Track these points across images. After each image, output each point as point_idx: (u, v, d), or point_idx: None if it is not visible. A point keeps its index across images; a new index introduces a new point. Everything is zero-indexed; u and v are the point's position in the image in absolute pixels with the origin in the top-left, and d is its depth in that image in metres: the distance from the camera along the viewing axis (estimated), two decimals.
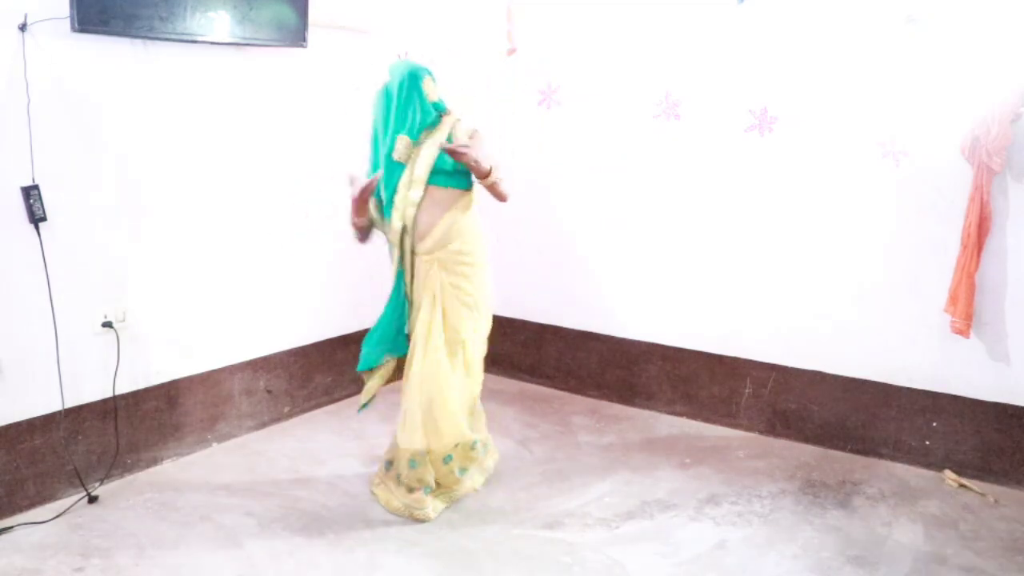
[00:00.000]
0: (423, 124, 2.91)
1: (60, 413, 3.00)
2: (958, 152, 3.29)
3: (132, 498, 3.09)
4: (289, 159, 3.70)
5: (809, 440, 3.79)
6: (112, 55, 3.03)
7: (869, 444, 3.66)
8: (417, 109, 2.90)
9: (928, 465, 3.54)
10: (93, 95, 3.00)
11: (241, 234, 3.59)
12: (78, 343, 3.04)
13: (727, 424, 3.97)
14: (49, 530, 2.85)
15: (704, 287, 3.97)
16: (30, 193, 2.83)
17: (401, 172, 2.92)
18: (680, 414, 4.10)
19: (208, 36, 3.16)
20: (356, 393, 3.90)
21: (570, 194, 4.28)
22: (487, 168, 2.92)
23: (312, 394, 4.01)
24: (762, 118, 3.71)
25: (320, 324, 4.02)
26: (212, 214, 3.46)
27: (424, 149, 2.92)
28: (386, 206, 2.96)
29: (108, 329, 3.13)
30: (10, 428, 2.90)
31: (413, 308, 3.02)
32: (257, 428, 3.76)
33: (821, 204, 3.65)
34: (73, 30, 2.79)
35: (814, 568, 2.76)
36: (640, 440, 3.81)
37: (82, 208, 3.01)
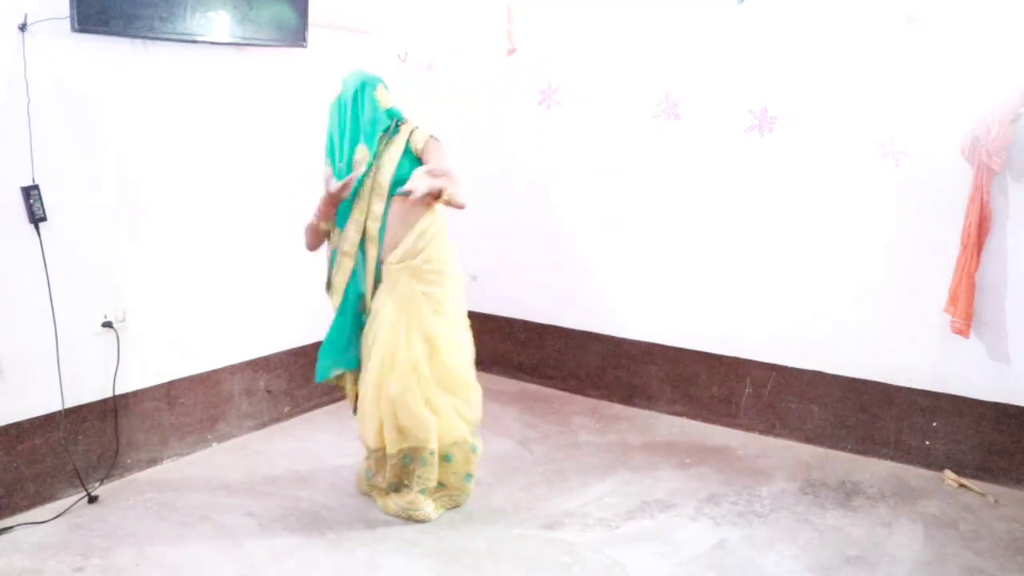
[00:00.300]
0: (379, 132, 2.88)
1: (60, 413, 3.00)
2: (958, 152, 3.29)
3: (132, 498, 3.09)
4: (289, 159, 3.70)
5: (809, 440, 3.79)
6: (112, 55, 3.03)
7: (869, 444, 3.66)
8: (372, 118, 2.88)
9: (928, 465, 3.54)
10: (93, 95, 3.00)
11: (241, 234, 3.59)
12: (78, 343, 3.04)
13: (727, 424, 3.97)
14: (49, 530, 2.85)
15: (704, 287, 3.97)
16: (30, 193, 2.83)
17: (359, 182, 2.88)
18: (680, 414, 4.10)
19: (208, 36, 3.16)
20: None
21: (570, 194, 4.28)
22: (443, 189, 2.80)
23: (312, 394, 4.01)
24: (762, 118, 3.71)
25: (320, 324, 3.96)
26: (212, 214, 3.46)
27: (384, 160, 2.89)
28: (341, 215, 2.92)
29: (108, 329, 3.13)
30: (10, 428, 2.90)
31: (371, 317, 2.96)
32: (257, 428, 3.76)
33: (821, 204, 3.64)
34: (73, 30, 2.80)
35: (814, 568, 2.76)
36: (640, 440, 3.81)
37: (82, 208, 3.01)
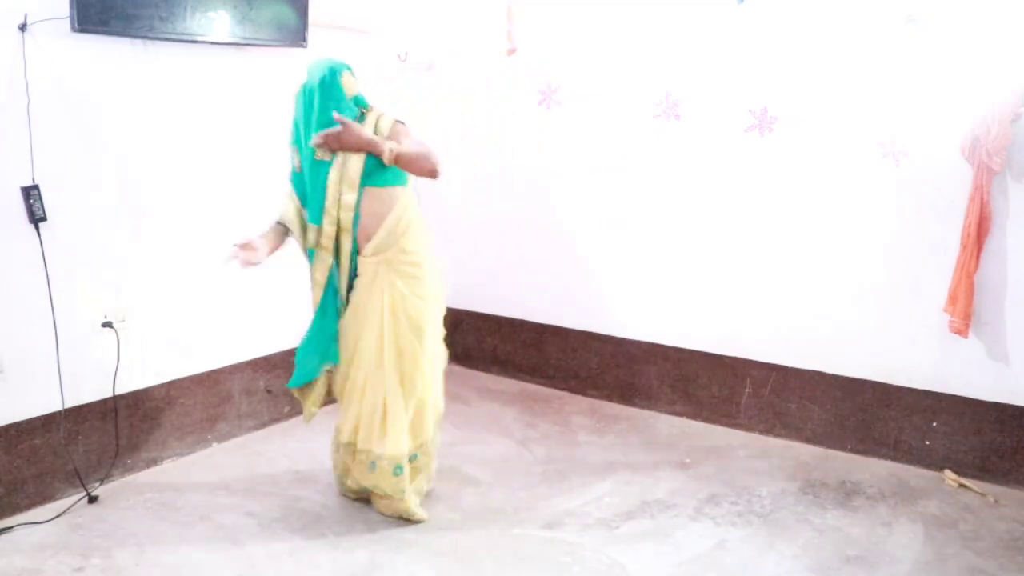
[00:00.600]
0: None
1: (60, 413, 3.00)
2: (958, 152, 3.29)
3: (132, 498, 3.09)
4: (289, 159, 3.69)
5: (809, 440, 3.79)
6: (112, 55, 3.03)
7: (869, 444, 3.66)
8: (337, 106, 2.78)
9: (928, 465, 3.54)
10: (93, 95, 3.00)
11: (241, 234, 3.58)
12: (78, 343, 3.04)
13: (727, 424, 3.97)
14: (49, 530, 2.85)
15: (704, 287, 3.97)
16: (30, 193, 2.83)
17: (326, 172, 2.81)
18: (680, 414, 4.10)
19: (208, 36, 3.16)
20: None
21: (570, 194, 4.28)
22: (380, 144, 2.76)
23: None
24: (762, 118, 3.71)
25: None
26: (212, 214, 3.46)
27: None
28: (311, 207, 2.87)
29: (108, 329, 3.13)
30: (10, 428, 2.90)
31: (350, 311, 2.92)
32: (257, 428, 3.76)
33: (821, 204, 3.64)
34: (73, 30, 2.79)
35: (814, 568, 2.76)
36: (640, 440, 3.81)
37: (82, 208, 3.01)
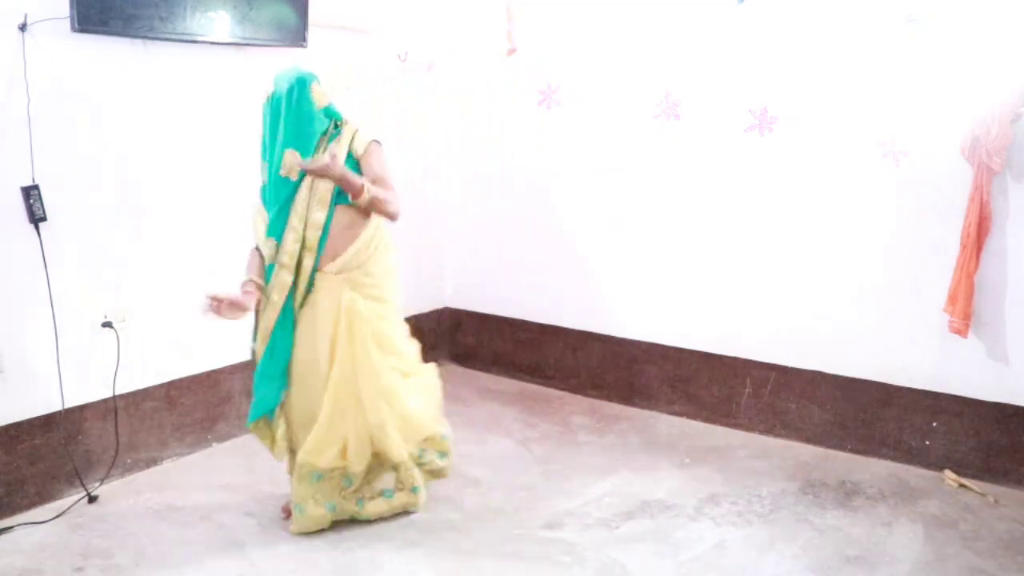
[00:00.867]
0: (316, 134, 2.69)
1: (60, 413, 3.00)
2: (958, 152, 3.29)
3: (132, 498, 3.09)
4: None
5: (809, 440, 3.79)
6: (112, 55, 3.03)
7: (869, 444, 3.66)
8: (307, 118, 2.67)
9: (928, 465, 3.53)
10: (93, 95, 3.00)
11: (240, 234, 3.58)
12: (78, 343, 3.04)
13: (727, 424, 3.97)
14: (49, 530, 2.85)
15: (704, 287, 3.96)
16: (30, 193, 2.83)
17: (293, 188, 2.69)
18: (680, 414, 4.10)
19: (208, 36, 3.16)
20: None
21: (570, 194, 4.28)
22: (358, 184, 2.65)
23: None
24: (762, 118, 3.71)
25: None
26: (212, 214, 3.46)
27: None
28: (272, 223, 2.73)
29: (108, 329, 3.13)
30: (10, 428, 2.90)
31: (308, 328, 2.78)
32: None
33: (821, 204, 3.64)
34: (73, 30, 2.80)
35: (814, 568, 2.76)
36: (640, 440, 3.81)
37: (82, 208, 3.01)
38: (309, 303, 2.79)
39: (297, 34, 3.46)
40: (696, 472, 3.47)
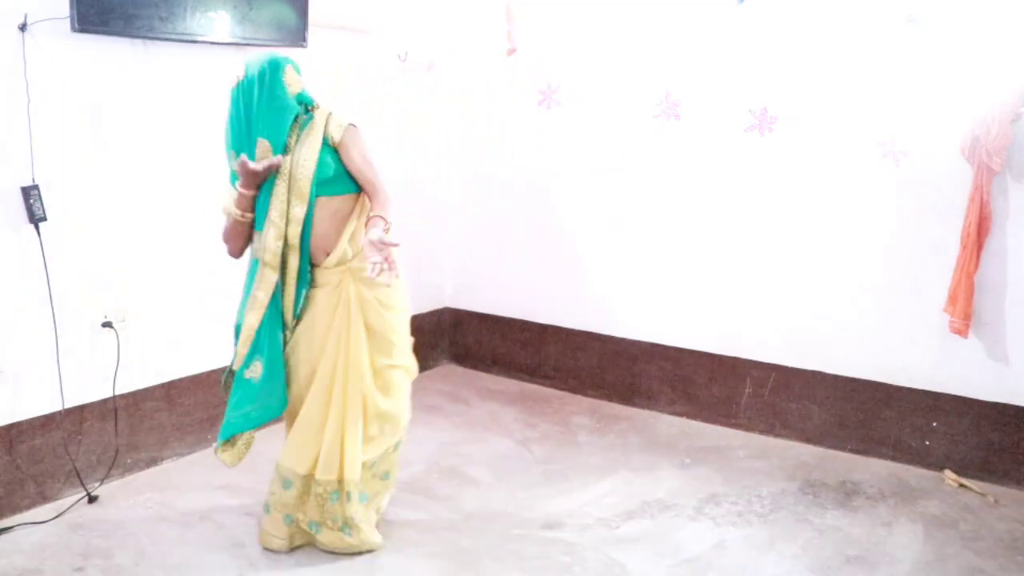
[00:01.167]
0: (288, 121, 2.53)
1: (60, 413, 3.00)
2: (958, 152, 3.29)
3: (132, 498, 3.09)
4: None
5: (809, 440, 3.79)
6: (112, 55, 3.03)
7: (869, 444, 3.66)
8: (280, 106, 2.51)
9: (928, 465, 3.54)
10: (93, 95, 3.00)
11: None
12: (78, 343, 3.04)
13: (727, 424, 3.97)
14: (49, 530, 2.85)
15: (704, 287, 3.97)
16: (30, 193, 2.83)
17: (270, 181, 2.54)
18: (680, 414, 4.10)
19: (208, 36, 3.16)
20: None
21: (570, 194, 4.28)
22: (384, 225, 2.50)
23: None
24: (762, 118, 3.71)
25: None
26: (212, 214, 3.45)
27: (302, 155, 2.53)
28: (258, 217, 2.60)
29: (108, 329, 3.13)
30: (10, 428, 2.90)
31: (303, 326, 2.66)
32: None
33: (821, 204, 3.64)
34: (73, 30, 2.79)
35: (814, 568, 2.76)
36: (640, 440, 3.81)
37: (82, 208, 3.01)
38: (311, 300, 2.65)
39: (297, 34, 3.46)
40: (696, 472, 3.47)
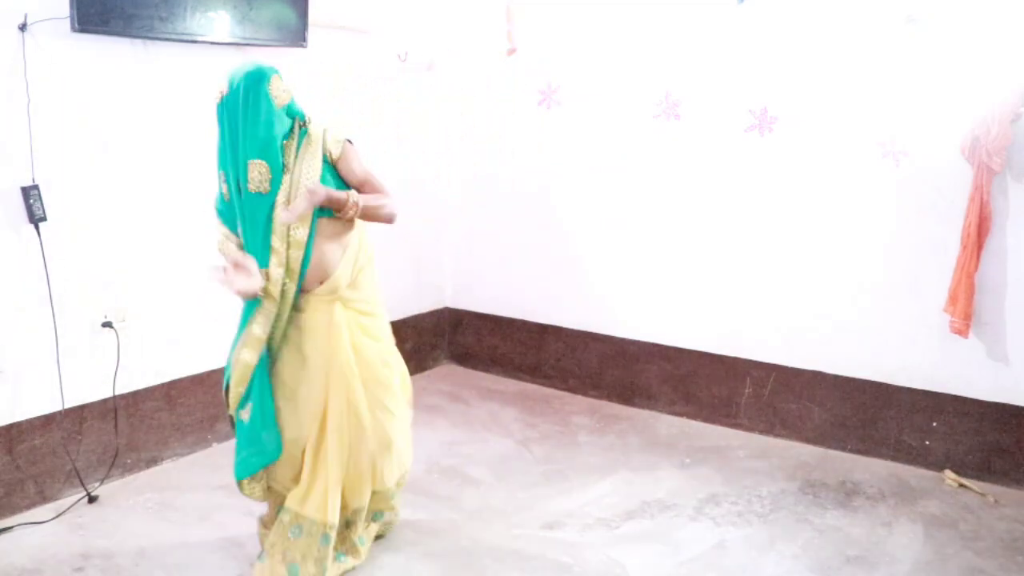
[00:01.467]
0: (278, 138, 2.37)
1: (60, 413, 3.00)
2: (958, 152, 3.29)
3: (132, 498, 3.09)
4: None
5: (809, 440, 3.79)
6: (112, 55, 3.03)
7: (869, 444, 3.66)
8: (267, 121, 2.34)
9: (928, 465, 3.54)
10: (93, 95, 3.00)
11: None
12: (78, 343, 3.04)
13: (727, 424, 3.97)
14: (49, 530, 2.85)
15: (704, 287, 3.97)
16: (30, 193, 2.83)
17: (268, 205, 2.38)
18: (680, 414, 4.10)
19: (208, 36, 3.16)
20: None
21: (570, 194, 4.28)
22: (344, 199, 2.40)
23: None
24: (762, 118, 3.71)
25: None
26: (211, 214, 3.45)
27: (302, 174, 2.39)
28: (250, 246, 2.44)
29: (108, 329, 3.13)
30: (10, 428, 2.90)
31: (291, 361, 2.54)
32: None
33: (821, 204, 3.64)
34: (73, 30, 2.80)
35: (814, 568, 2.76)
36: (640, 440, 3.81)
37: (82, 208, 3.01)
38: (294, 324, 2.52)
39: (297, 34, 3.46)
40: (696, 472, 3.47)
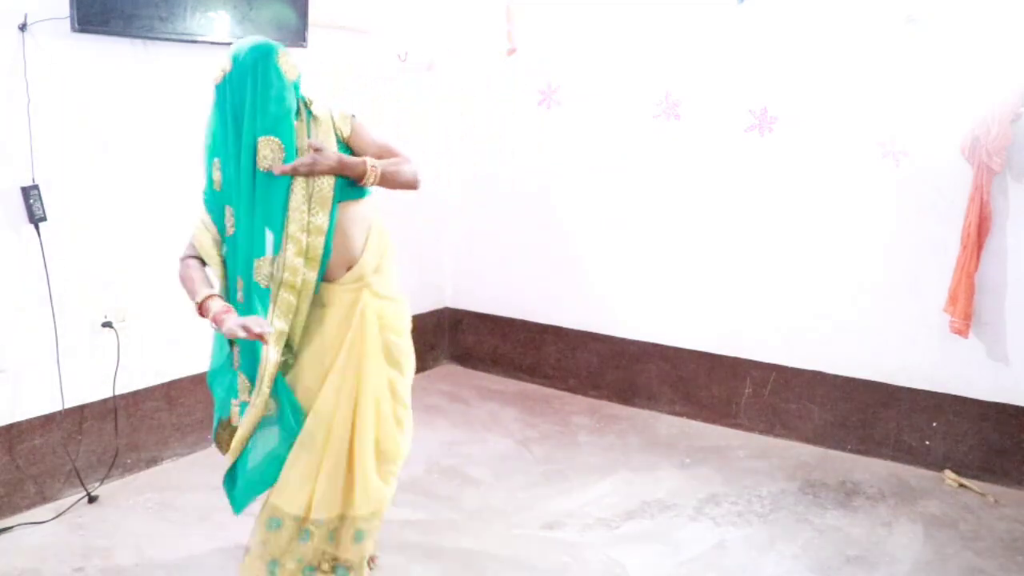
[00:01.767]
0: (290, 113, 2.17)
1: (60, 413, 3.00)
2: (958, 152, 3.29)
3: (132, 498, 3.09)
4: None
5: (809, 440, 3.79)
6: (112, 55, 3.03)
7: (869, 444, 3.66)
8: (279, 96, 2.14)
9: (928, 465, 3.54)
10: (93, 95, 3.00)
11: None
12: (78, 343, 3.04)
13: (727, 424, 3.97)
14: (49, 530, 2.85)
15: (704, 287, 3.96)
16: (30, 193, 2.83)
17: (284, 189, 2.18)
18: (680, 414, 4.10)
19: (208, 36, 3.16)
20: None
21: (570, 194, 4.28)
22: (360, 164, 2.24)
23: None
24: (762, 118, 3.71)
25: None
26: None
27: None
28: (258, 232, 2.21)
29: (108, 329, 3.13)
30: (10, 428, 2.90)
31: (311, 352, 2.29)
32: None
33: (821, 204, 3.64)
34: (73, 30, 2.80)
35: (814, 568, 2.76)
36: (640, 440, 3.81)
37: (82, 208, 3.01)
38: (316, 319, 2.30)
39: (297, 34, 3.46)
40: (696, 472, 3.47)
